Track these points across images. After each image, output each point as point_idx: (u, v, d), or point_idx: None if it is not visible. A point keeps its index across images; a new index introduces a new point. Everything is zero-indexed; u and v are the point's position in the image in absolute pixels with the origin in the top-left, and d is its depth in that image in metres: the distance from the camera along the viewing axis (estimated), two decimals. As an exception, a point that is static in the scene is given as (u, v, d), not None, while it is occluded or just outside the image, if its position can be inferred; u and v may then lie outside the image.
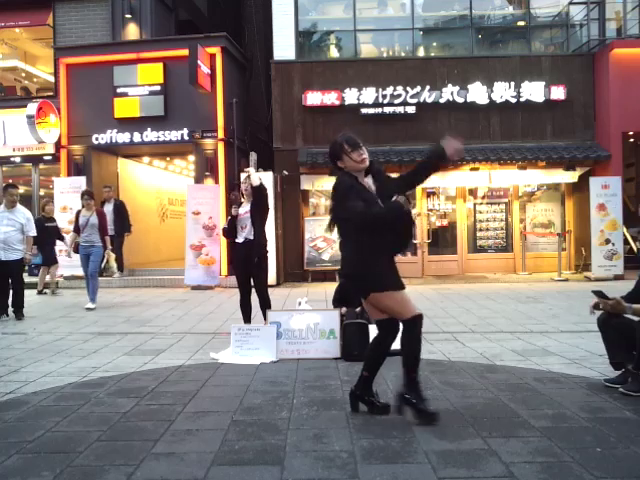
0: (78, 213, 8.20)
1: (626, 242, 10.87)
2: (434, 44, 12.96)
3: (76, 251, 8.10)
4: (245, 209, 5.51)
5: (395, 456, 2.67)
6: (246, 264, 5.44)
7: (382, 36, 12.78)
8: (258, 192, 5.44)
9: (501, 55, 12.04)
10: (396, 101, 11.57)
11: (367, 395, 3.34)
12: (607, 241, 10.54)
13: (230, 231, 5.57)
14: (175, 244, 14.12)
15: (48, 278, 9.96)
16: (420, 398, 3.14)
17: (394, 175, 3.55)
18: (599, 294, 3.76)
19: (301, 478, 2.47)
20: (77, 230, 8.06)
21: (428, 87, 11.57)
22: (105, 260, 8.17)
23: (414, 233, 3.25)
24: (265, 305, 5.48)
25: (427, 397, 3.22)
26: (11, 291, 7.32)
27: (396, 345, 4.83)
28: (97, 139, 11.72)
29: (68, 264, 10.09)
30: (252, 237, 5.43)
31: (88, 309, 7.80)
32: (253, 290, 5.60)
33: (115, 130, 11.66)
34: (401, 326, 3.30)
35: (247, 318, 5.68)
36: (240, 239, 5.48)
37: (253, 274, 5.52)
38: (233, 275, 11.04)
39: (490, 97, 11.56)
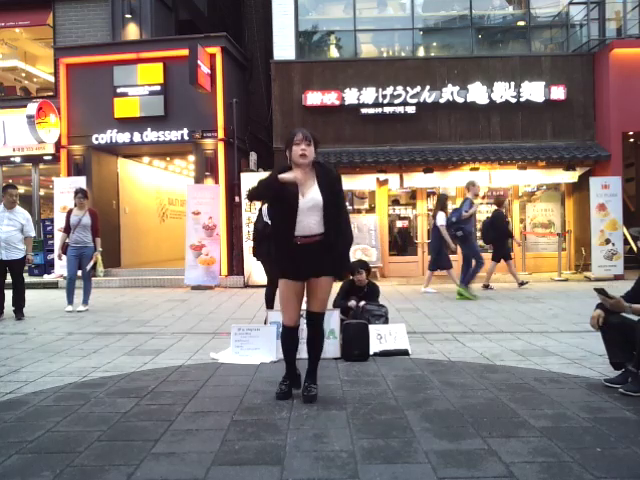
0: (69, 212, 7.90)
1: (626, 242, 10.87)
2: (434, 44, 12.96)
3: (64, 252, 7.85)
4: None
5: (395, 456, 2.67)
6: None
7: (382, 36, 12.78)
8: None
9: (501, 55, 12.04)
10: (396, 101, 11.57)
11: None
12: (607, 241, 10.55)
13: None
14: (175, 244, 14.14)
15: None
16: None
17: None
18: (601, 291, 3.76)
19: (301, 478, 2.47)
20: (67, 230, 7.79)
21: (428, 87, 11.58)
22: (93, 261, 8.04)
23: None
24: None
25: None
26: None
27: (393, 345, 4.87)
28: (97, 139, 11.72)
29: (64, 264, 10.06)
30: None
31: (79, 312, 7.65)
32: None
33: (115, 130, 11.66)
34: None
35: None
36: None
37: None
38: (232, 275, 11.12)
39: (490, 97, 11.56)
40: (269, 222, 6.05)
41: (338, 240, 3.44)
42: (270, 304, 6.25)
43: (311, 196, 3.39)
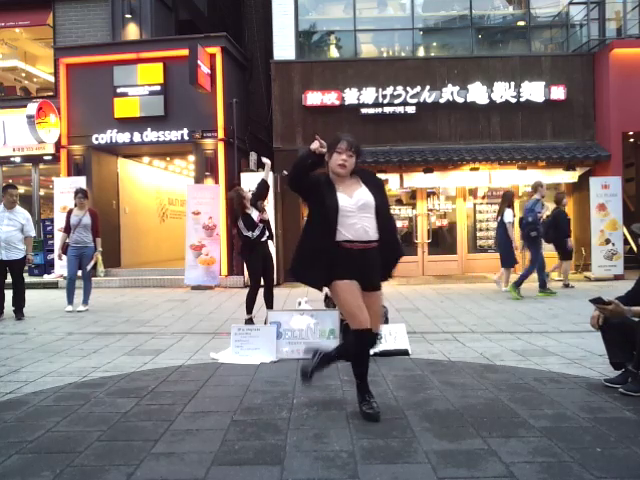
0: (70, 212, 7.90)
1: (626, 242, 10.87)
2: (434, 44, 12.96)
3: (65, 252, 7.85)
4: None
5: (395, 456, 2.67)
6: (268, 261, 6.35)
7: (382, 36, 12.77)
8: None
9: (501, 55, 12.03)
10: (396, 101, 11.57)
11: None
12: (607, 241, 10.55)
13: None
14: (175, 244, 14.14)
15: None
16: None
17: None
18: (597, 301, 3.72)
19: (301, 478, 2.47)
20: (67, 230, 7.79)
21: (428, 87, 11.57)
22: (93, 261, 8.04)
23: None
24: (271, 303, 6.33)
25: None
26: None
27: (393, 345, 4.87)
28: (97, 139, 11.72)
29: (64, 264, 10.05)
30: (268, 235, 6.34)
31: (79, 312, 7.66)
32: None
33: (115, 130, 11.66)
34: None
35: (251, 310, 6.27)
36: (264, 237, 6.32)
37: (270, 270, 6.40)
38: (232, 275, 11.12)
39: (490, 97, 11.55)
40: (249, 235, 6.18)
41: (397, 247, 3.28)
42: (250, 309, 6.22)
43: (359, 196, 3.14)
